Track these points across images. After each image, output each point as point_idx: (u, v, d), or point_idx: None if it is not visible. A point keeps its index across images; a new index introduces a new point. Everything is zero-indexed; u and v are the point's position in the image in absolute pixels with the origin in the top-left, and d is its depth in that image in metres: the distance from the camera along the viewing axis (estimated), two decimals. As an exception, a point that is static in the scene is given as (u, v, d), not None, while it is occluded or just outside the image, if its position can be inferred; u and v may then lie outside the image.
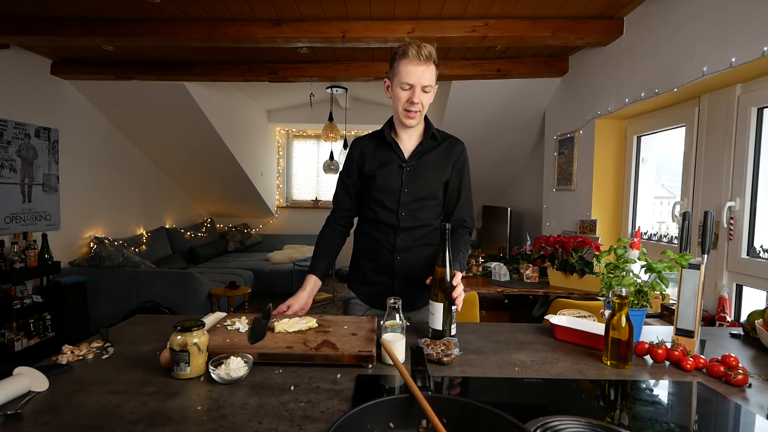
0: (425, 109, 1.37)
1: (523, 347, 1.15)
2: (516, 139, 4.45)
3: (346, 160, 1.53)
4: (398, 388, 0.89)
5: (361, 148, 1.49)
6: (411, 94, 1.32)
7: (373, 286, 1.49)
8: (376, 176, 1.43)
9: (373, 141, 1.49)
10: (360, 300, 1.52)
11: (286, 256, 5.55)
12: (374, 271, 1.48)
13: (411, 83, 1.30)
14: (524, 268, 2.94)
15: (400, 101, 1.35)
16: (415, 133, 1.45)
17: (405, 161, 1.43)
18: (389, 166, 1.43)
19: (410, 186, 1.42)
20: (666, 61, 2.27)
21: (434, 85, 1.35)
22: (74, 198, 3.97)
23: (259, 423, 0.75)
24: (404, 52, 1.29)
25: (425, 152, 1.44)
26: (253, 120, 5.76)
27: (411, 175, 1.42)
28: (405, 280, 1.44)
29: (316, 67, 3.64)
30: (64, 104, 3.84)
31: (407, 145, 1.45)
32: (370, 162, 1.46)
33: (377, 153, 1.46)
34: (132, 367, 0.97)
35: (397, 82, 1.33)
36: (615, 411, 0.83)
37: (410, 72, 1.29)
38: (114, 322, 3.59)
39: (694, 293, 1.10)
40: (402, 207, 1.41)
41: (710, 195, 2.12)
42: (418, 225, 1.43)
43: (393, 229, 1.42)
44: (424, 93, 1.33)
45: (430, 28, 2.75)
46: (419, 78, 1.30)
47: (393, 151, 1.43)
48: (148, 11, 2.66)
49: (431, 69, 1.31)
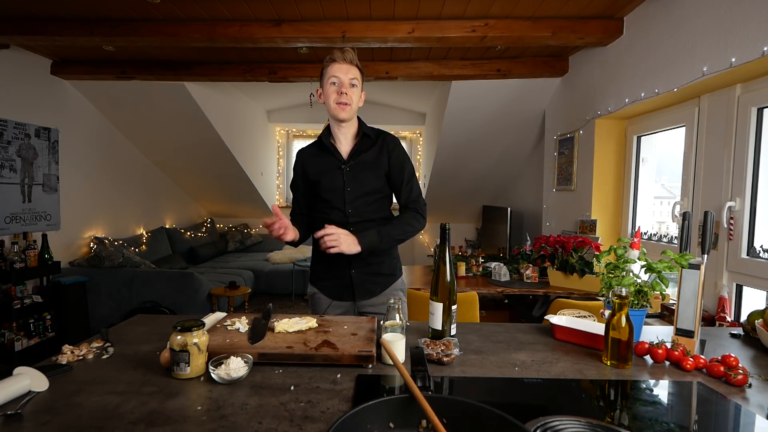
0: (355, 103, 1.49)
1: (523, 347, 1.15)
2: (516, 139, 4.45)
3: (294, 171, 1.65)
4: (398, 388, 0.89)
5: (303, 158, 1.61)
6: (339, 86, 1.46)
7: (333, 279, 1.58)
8: (320, 180, 1.54)
9: (313, 148, 1.61)
10: (323, 294, 1.60)
11: (286, 256, 5.55)
12: (333, 265, 1.56)
13: (338, 76, 1.46)
14: (524, 268, 2.94)
15: (331, 96, 1.47)
16: (349, 133, 1.56)
17: (344, 162, 1.53)
18: (330, 170, 1.54)
19: (353, 184, 1.52)
20: (666, 61, 2.27)
21: (360, 85, 1.50)
22: (74, 198, 3.97)
23: (259, 423, 0.74)
24: (331, 57, 1.47)
25: (362, 151, 1.54)
26: (253, 120, 5.76)
27: (351, 174, 1.52)
28: (361, 269, 1.54)
29: (316, 67, 3.64)
30: (64, 104, 3.84)
31: (344, 146, 1.56)
32: (312, 169, 1.57)
33: (318, 159, 1.57)
34: (132, 367, 0.97)
35: (326, 81, 1.48)
36: (615, 411, 0.83)
37: (336, 69, 1.46)
38: (114, 322, 3.60)
39: (694, 293, 1.10)
40: (348, 204, 1.52)
41: (710, 195, 2.12)
42: (367, 220, 1.52)
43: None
44: (351, 88, 1.47)
45: (430, 28, 2.75)
46: (345, 73, 1.46)
47: (332, 155, 1.54)
48: (148, 11, 2.66)
49: (355, 70, 1.48)
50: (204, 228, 6.09)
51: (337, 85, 1.47)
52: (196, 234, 5.83)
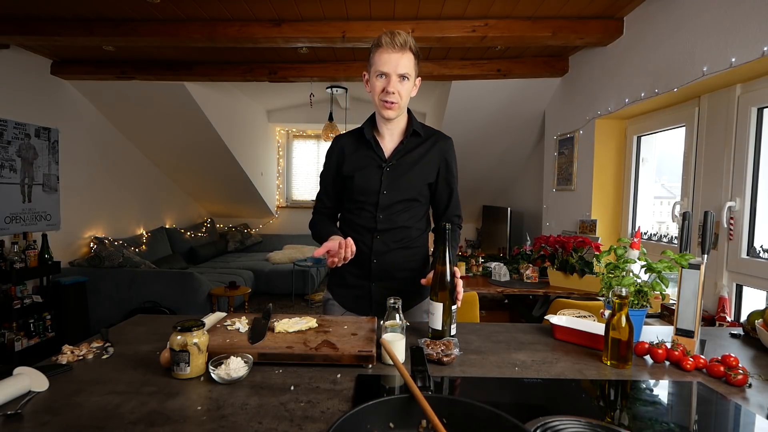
0: (404, 100, 1.29)
1: (523, 347, 1.14)
2: (516, 139, 4.45)
3: (326, 160, 1.46)
4: (398, 388, 0.89)
5: (342, 147, 1.41)
6: (386, 83, 1.25)
7: (351, 289, 1.43)
8: (355, 177, 1.36)
9: (353, 138, 1.41)
10: (337, 302, 1.47)
11: (286, 256, 5.55)
12: (352, 274, 1.42)
13: (385, 71, 1.24)
14: (524, 268, 2.94)
15: (376, 92, 1.28)
16: (396, 129, 1.37)
17: (385, 161, 1.35)
18: (368, 167, 1.35)
19: (390, 187, 1.35)
20: (666, 61, 2.27)
21: (414, 74, 1.28)
22: (74, 198, 3.97)
23: (259, 423, 0.74)
24: (378, 42, 1.24)
25: (407, 151, 1.36)
26: (253, 120, 5.76)
27: (391, 176, 1.35)
28: (382, 283, 1.39)
29: (316, 67, 3.64)
30: (64, 104, 3.84)
31: (388, 143, 1.37)
32: (349, 162, 1.38)
33: (357, 152, 1.38)
34: (132, 367, 0.97)
35: (373, 72, 1.27)
36: (615, 411, 0.83)
37: (384, 60, 1.23)
38: (114, 322, 3.59)
39: (694, 293, 1.10)
40: (381, 210, 1.35)
41: (710, 195, 2.12)
42: (396, 227, 1.37)
43: (370, 231, 1.36)
44: (401, 82, 1.26)
45: (430, 28, 2.75)
46: (394, 66, 1.23)
47: (373, 150, 1.36)
48: (148, 11, 2.66)
49: (408, 57, 1.25)
50: (204, 228, 6.10)
51: (383, 79, 1.25)
52: (196, 234, 5.83)
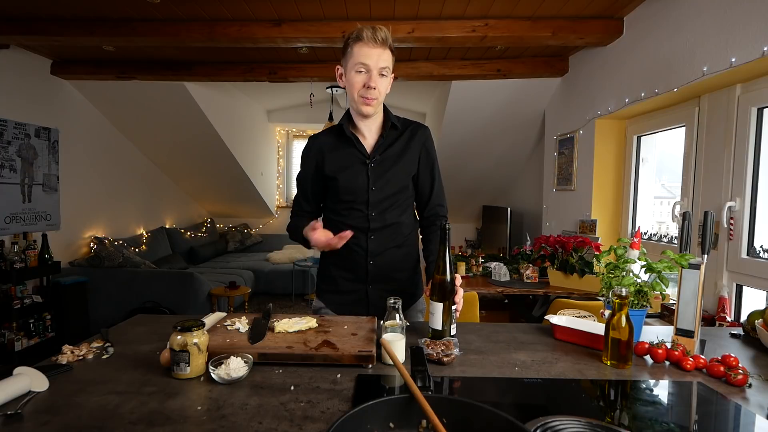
0: (383, 96, 1.28)
1: (523, 347, 1.14)
2: (516, 139, 4.45)
3: (303, 161, 1.40)
4: (398, 388, 0.89)
5: (320, 146, 1.36)
6: (367, 78, 1.23)
7: (345, 294, 1.39)
8: (339, 177, 1.32)
9: (330, 137, 1.37)
10: (331, 310, 1.41)
11: (286, 256, 5.55)
12: (345, 278, 1.38)
13: (367, 63, 1.21)
14: (524, 268, 2.94)
15: (355, 87, 1.24)
16: (374, 124, 1.35)
17: (368, 157, 1.33)
18: (352, 165, 1.32)
19: (378, 183, 1.32)
20: (666, 61, 2.27)
21: (391, 71, 1.26)
22: (74, 198, 3.97)
23: (259, 423, 0.74)
24: (359, 35, 1.21)
25: (389, 144, 1.34)
26: (253, 120, 5.76)
27: (377, 171, 1.32)
28: (379, 286, 1.37)
29: (316, 67, 3.64)
30: (64, 104, 3.84)
31: (368, 139, 1.35)
32: (330, 161, 1.34)
33: (337, 150, 1.34)
34: (132, 367, 0.97)
35: (351, 65, 1.23)
36: (615, 411, 0.83)
37: (366, 53, 1.20)
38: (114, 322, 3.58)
39: (694, 293, 1.10)
40: (372, 207, 1.32)
41: (710, 195, 2.12)
42: (389, 224, 1.35)
43: (364, 231, 1.33)
44: (381, 77, 1.24)
45: (430, 28, 2.75)
46: (376, 60, 1.21)
47: (354, 147, 1.33)
48: (148, 11, 2.66)
49: (387, 53, 1.23)
50: (204, 228, 6.10)
51: (364, 74, 1.23)
52: (196, 234, 5.83)
